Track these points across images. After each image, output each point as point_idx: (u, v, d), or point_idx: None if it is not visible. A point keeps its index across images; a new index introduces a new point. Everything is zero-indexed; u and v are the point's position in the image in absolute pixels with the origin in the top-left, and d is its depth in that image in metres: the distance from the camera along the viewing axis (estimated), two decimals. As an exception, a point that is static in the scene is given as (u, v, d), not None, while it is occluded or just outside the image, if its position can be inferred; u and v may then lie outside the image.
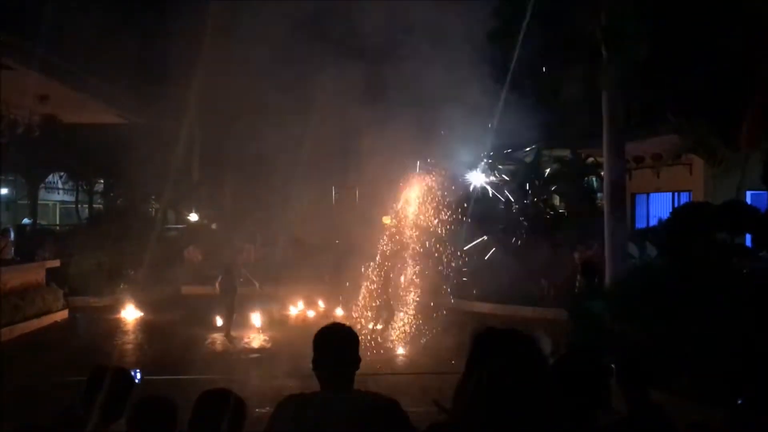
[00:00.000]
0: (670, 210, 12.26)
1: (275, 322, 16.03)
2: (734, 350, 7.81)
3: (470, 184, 22.65)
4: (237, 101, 17.32)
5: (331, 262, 18.72)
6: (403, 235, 16.48)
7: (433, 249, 16.95)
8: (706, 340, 8.46)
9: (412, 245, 16.47)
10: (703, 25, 11.77)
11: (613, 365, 3.86)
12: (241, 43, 15.63)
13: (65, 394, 4.12)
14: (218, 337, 14.72)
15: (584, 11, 12.18)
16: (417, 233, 16.58)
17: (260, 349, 14.07)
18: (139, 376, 4.28)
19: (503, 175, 24.67)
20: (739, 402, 3.89)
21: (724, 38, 11.95)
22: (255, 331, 15.26)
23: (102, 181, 27.34)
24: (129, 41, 16.48)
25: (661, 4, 11.78)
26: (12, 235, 19.37)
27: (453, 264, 17.83)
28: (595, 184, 25.06)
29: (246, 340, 14.67)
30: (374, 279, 15.76)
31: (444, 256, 17.39)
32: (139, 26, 15.70)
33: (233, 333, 14.84)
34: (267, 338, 14.78)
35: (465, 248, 17.96)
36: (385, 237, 16.29)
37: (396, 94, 15.28)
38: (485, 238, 20.46)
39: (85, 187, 27.55)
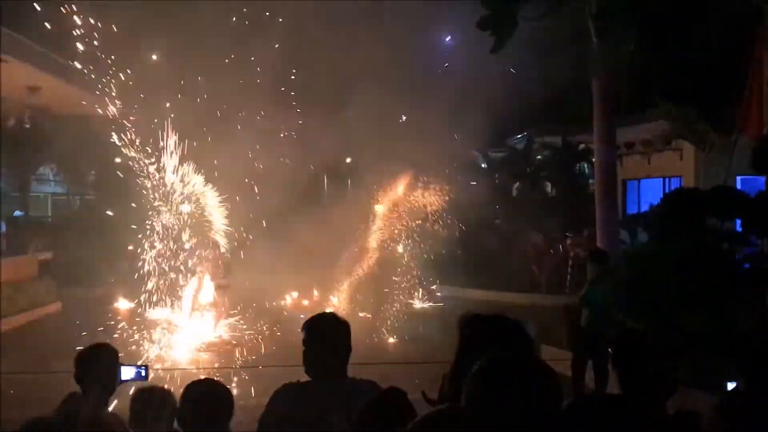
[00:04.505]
0: (661, 196, 12.32)
1: (269, 313, 15.96)
2: (725, 335, 7.88)
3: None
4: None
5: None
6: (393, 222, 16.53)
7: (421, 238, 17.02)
8: (697, 325, 8.53)
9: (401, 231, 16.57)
10: (691, 11, 11.78)
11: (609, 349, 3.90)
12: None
13: (64, 384, 4.16)
14: (210, 328, 14.62)
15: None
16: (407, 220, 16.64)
17: (254, 339, 14.04)
18: (144, 372, 4.29)
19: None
20: (731, 387, 3.94)
21: (711, 23, 11.98)
22: (249, 320, 15.15)
23: (93, 172, 27.13)
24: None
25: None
26: (4, 227, 19.31)
27: (446, 251, 17.84)
28: (586, 170, 25.04)
29: (237, 330, 14.62)
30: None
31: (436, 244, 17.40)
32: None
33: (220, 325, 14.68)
34: (262, 329, 14.66)
35: (457, 235, 17.94)
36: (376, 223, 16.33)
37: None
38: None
39: (76, 179, 27.39)
